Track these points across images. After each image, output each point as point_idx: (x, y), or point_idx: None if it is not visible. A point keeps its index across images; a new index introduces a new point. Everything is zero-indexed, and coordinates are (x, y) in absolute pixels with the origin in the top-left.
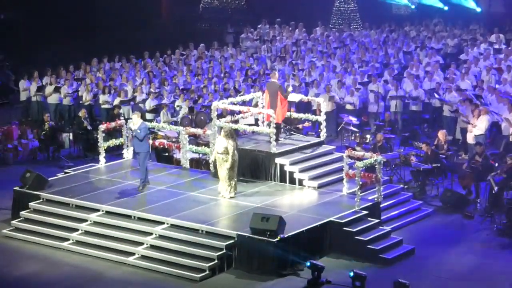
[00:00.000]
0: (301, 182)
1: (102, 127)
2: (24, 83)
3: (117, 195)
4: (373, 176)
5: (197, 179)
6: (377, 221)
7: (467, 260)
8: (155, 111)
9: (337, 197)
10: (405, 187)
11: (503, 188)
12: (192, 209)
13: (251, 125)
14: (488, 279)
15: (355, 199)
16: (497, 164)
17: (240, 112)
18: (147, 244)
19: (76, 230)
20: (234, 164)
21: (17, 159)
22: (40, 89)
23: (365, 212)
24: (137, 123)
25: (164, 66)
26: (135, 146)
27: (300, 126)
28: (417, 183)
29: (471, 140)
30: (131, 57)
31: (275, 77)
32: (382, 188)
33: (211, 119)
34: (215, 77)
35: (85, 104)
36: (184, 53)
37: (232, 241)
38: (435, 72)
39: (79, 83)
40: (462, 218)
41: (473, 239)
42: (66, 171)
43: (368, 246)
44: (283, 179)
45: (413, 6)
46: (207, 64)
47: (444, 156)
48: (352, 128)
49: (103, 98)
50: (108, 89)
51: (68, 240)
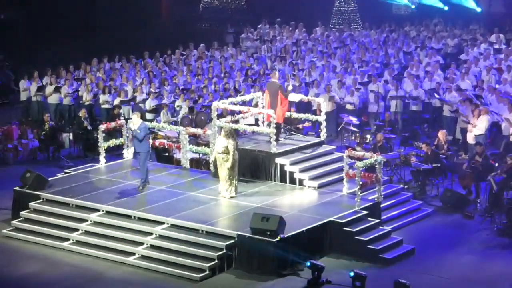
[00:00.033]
0: (301, 182)
1: (102, 127)
2: (24, 83)
3: (117, 195)
4: (373, 176)
5: (197, 179)
6: (377, 221)
7: (467, 260)
8: (155, 111)
9: (337, 197)
10: (405, 187)
11: (503, 188)
12: (192, 209)
13: (251, 125)
14: (488, 279)
15: (355, 199)
16: (497, 164)
17: (240, 112)
18: (147, 244)
19: (76, 230)
20: (235, 163)
21: (17, 159)
22: (40, 89)
23: (365, 212)
24: (137, 123)
25: (164, 66)
26: (135, 146)
27: (300, 126)
28: (417, 183)
29: (471, 140)
30: (131, 57)
31: (275, 77)
32: (382, 188)
33: (211, 119)
34: (215, 77)
35: (85, 104)
36: (184, 53)
37: (232, 241)
38: (435, 72)
39: (79, 83)
40: (462, 218)
41: (473, 239)
42: (66, 171)
43: (368, 246)
44: (283, 179)
45: (413, 6)
46: (207, 64)
47: (444, 156)
48: (352, 128)
49: (103, 98)
50: (108, 89)
51: (68, 240)
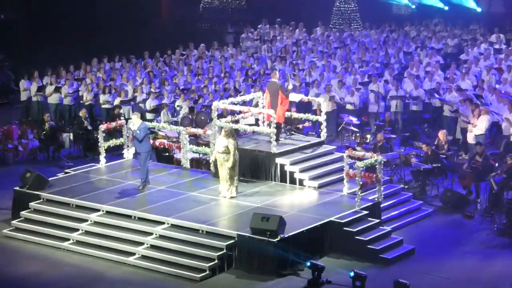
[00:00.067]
0: (301, 182)
1: (103, 127)
2: (24, 83)
3: (117, 195)
4: (373, 176)
5: (197, 179)
6: (377, 221)
7: (467, 260)
8: (156, 111)
9: (337, 197)
10: (406, 187)
11: (503, 188)
12: (193, 209)
13: (251, 125)
14: (488, 279)
15: (356, 199)
16: (497, 164)
17: (240, 112)
18: (147, 244)
19: (76, 230)
20: (236, 163)
21: (17, 159)
22: (40, 89)
23: (365, 212)
24: (136, 123)
25: (165, 66)
26: (135, 146)
27: (300, 126)
28: (417, 183)
29: (471, 140)
30: (131, 57)
31: (275, 76)
32: (382, 188)
33: (211, 119)
34: (216, 77)
35: (85, 104)
36: (184, 53)
37: (232, 241)
38: (435, 72)
39: (79, 83)
40: (462, 218)
41: (473, 239)
42: (66, 171)
43: (368, 246)
44: (283, 179)
45: (413, 6)
46: (207, 64)
47: (444, 156)
48: (352, 128)
49: (103, 98)
50: (109, 89)
51: (69, 240)
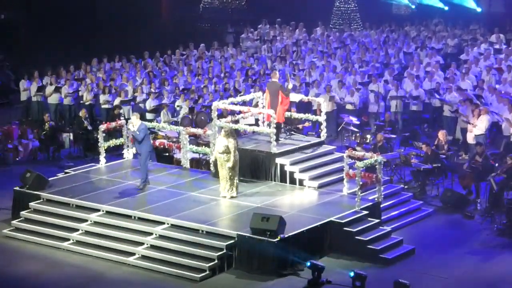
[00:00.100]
0: (301, 182)
1: (102, 127)
2: (24, 83)
3: (117, 195)
4: (373, 176)
5: (197, 179)
6: (377, 221)
7: (467, 260)
8: (156, 111)
9: (337, 197)
10: (405, 187)
11: (503, 188)
12: (193, 209)
13: (251, 125)
14: (488, 279)
15: (356, 199)
16: (497, 164)
17: (240, 112)
18: (147, 244)
19: (76, 230)
20: (236, 163)
21: (17, 159)
22: (40, 89)
23: (365, 212)
24: (136, 124)
25: (165, 66)
26: (136, 147)
27: (300, 126)
28: (417, 183)
29: (471, 140)
30: (131, 57)
31: (275, 76)
32: (382, 188)
33: (211, 119)
34: (215, 77)
35: (85, 104)
36: (184, 53)
37: (232, 241)
38: (435, 72)
39: (79, 83)
40: (462, 218)
41: (473, 239)
42: (66, 171)
43: (368, 246)
44: (283, 179)
45: (413, 6)
46: (207, 64)
47: (444, 156)
48: (352, 128)
49: (103, 98)
50: (109, 89)
51: (69, 240)
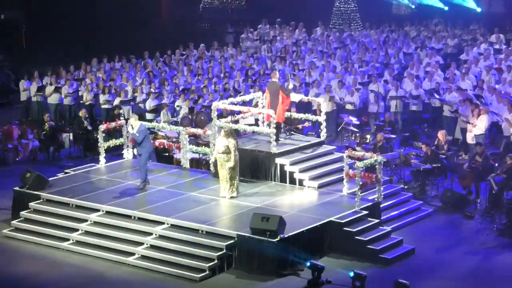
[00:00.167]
0: (301, 182)
1: (102, 127)
2: (24, 83)
3: (117, 195)
4: (373, 176)
5: (197, 179)
6: (377, 221)
7: (467, 260)
8: (155, 111)
9: (337, 197)
10: (405, 187)
11: (503, 188)
12: (192, 209)
13: (251, 125)
14: (488, 279)
15: (355, 199)
16: (497, 164)
17: (240, 112)
18: (147, 244)
19: (76, 230)
20: (236, 163)
21: (17, 159)
22: (40, 89)
23: (365, 212)
24: (135, 125)
25: (164, 66)
26: (137, 148)
27: (300, 126)
28: (417, 183)
29: (470, 140)
30: (131, 57)
31: (275, 76)
32: (382, 188)
33: (211, 119)
34: (215, 77)
35: (85, 104)
36: (184, 53)
37: (232, 241)
38: (435, 72)
39: (79, 83)
40: (462, 218)
41: (473, 239)
42: (66, 171)
43: (368, 246)
44: (283, 179)
45: (413, 6)
46: (207, 64)
47: (444, 156)
48: (352, 128)
49: (103, 98)
50: (108, 89)
51: (68, 240)
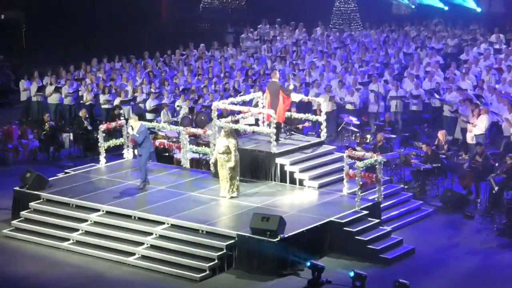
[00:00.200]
0: (301, 182)
1: (102, 127)
2: (24, 83)
3: (117, 195)
4: (373, 176)
5: (197, 179)
6: (377, 221)
7: (467, 260)
8: (156, 111)
9: (337, 197)
10: (405, 187)
11: (503, 188)
12: (192, 209)
13: (251, 125)
14: (488, 279)
15: (356, 199)
16: (497, 164)
17: (240, 112)
18: (147, 244)
19: (76, 230)
20: (237, 163)
21: (17, 159)
22: (40, 89)
23: (365, 212)
24: (135, 126)
25: (164, 66)
26: (137, 148)
27: (300, 126)
28: (417, 183)
29: (470, 140)
30: (131, 57)
31: (276, 76)
32: (382, 188)
33: (211, 119)
34: (215, 77)
35: (85, 104)
36: (184, 53)
37: (232, 241)
38: (435, 72)
39: (79, 83)
40: (462, 218)
41: (473, 239)
42: (66, 171)
43: (368, 246)
44: (283, 179)
45: (413, 6)
46: (207, 64)
47: (444, 156)
48: (352, 128)
49: (103, 98)
50: (109, 89)
51: (69, 240)
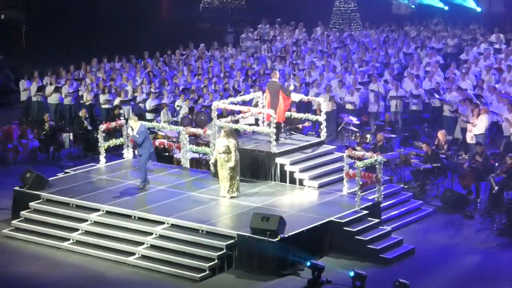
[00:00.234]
0: (301, 182)
1: (102, 127)
2: (24, 83)
3: (117, 195)
4: (373, 176)
5: (197, 179)
6: (377, 221)
7: (467, 260)
8: (156, 111)
9: (337, 197)
10: (405, 187)
11: (503, 188)
12: (192, 209)
13: (251, 125)
14: (488, 279)
15: (356, 199)
16: (497, 164)
17: (240, 112)
18: (147, 244)
19: (76, 230)
20: (237, 163)
21: (17, 159)
22: (40, 89)
23: (365, 212)
24: (135, 127)
25: (164, 66)
26: (137, 148)
27: (300, 126)
28: (417, 183)
29: (470, 140)
30: (131, 57)
31: (276, 76)
32: (382, 188)
33: (211, 119)
34: (215, 77)
35: (85, 104)
36: (184, 53)
37: (232, 241)
38: (435, 72)
39: (79, 83)
40: (462, 218)
41: (473, 239)
42: (66, 171)
43: (368, 246)
44: (283, 179)
45: (413, 6)
46: (207, 64)
47: (444, 156)
48: (352, 128)
49: (104, 98)
50: (109, 89)
51: (69, 240)
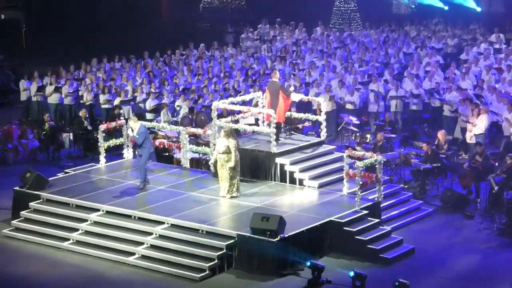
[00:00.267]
0: (301, 182)
1: (102, 127)
2: (24, 83)
3: (117, 195)
4: (373, 176)
5: (197, 179)
6: (377, 221)
7: (467, 260)
8: (156, 111)
9: (337, 197)
10: (405, 186)
11: (503, 188)
12: (192, 209)
13: (251, 125)
14: (488, 279)
15: (355, 199)
16: (497, 164)
17: (240, 112)
18: (147, 244)
19: (76, 230)
20: (237, 163)
21: (17, 159)
22: (40, 89)
23: (365, 212)
24: (135, 127)
25: (164, 66)
26: (137, 148)
27: (300, 126)
28: (417, 183)
29: (470, 140)
30: (131, 57)
31: (276, 76)
32: (382, 188)
33: (211, 119)
34: (215, 77)
35: (85, 104)
36: (184, 53)
37: (232, 241)
38: (435, 72)
39: (79, 83)
40: (462, 218)
41: (473, 239)
42: (66, 171)
43: (368, 246)
44: (283, 179)
45: (413, 6)
46: (207, 64)
47: (444, 156)
48: (352, 128)
49: (104, 98)
50: (109, 89)
51: (69, 240)
